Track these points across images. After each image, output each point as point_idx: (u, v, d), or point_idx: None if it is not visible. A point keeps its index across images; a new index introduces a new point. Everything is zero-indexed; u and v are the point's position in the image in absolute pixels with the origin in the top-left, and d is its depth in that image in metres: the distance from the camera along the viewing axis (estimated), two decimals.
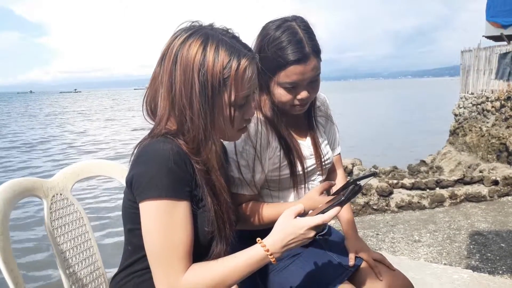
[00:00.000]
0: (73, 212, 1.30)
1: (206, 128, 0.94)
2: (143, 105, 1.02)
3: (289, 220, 0.92)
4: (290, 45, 1.16)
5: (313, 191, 1.20)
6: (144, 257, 0.94)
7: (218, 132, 0.98)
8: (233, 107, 0.95)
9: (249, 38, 1.12)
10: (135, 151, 0.97)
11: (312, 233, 0.91)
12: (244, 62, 0.92)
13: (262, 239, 0.93)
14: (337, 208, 0.92)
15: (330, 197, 1.08)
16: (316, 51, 1.19)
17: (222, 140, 1.11)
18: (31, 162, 12.92)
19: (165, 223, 0.89)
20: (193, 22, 0.98)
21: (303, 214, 0.95)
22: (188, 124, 0.94)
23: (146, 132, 1.01)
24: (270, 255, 0.90)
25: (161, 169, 0.88)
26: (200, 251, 0.96)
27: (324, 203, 1.01)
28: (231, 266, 0.90)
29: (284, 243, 0.91)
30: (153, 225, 0.89)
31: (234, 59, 0.91)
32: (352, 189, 0.95)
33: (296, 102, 1.23)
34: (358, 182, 0.97)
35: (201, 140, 0.94)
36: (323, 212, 0.92)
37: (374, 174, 1.06)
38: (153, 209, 0.89)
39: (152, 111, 1.02)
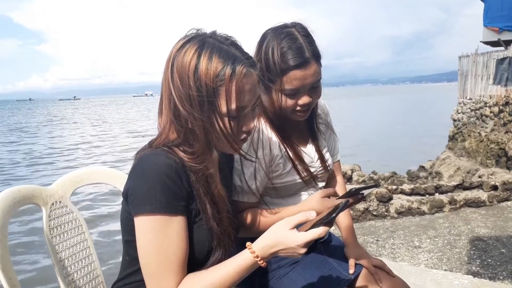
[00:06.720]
0: (72, 220, 1.30)
1: (207, 136, 0.92)
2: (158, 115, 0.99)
3: (284, 231, 0.89)
4: (290, 50, 1.15)
5: (314, 196, 1.19)
6: (140, 269, 0.93)
7: (217, 142, 0.95)
8: (229, 117, 0.91)
9: (249, 46, 1.12)
10: (133, 161, 0.95)
11: (302, 250, 0.88)
12: (239, 70, 0.88)
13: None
14: (325, 228, 0.88)
15: (328, 208, 1.05)
16: (316, 56, 1.19)
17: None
18: None
19: (159, 239, 0.88)
20: (197, 30, 0.95)
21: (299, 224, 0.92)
22: (189, 131, 0.93)
23: None
24: (260, 260, 0.89)
25: (155, 184, 0.87)
26: (196, 263, 0.95)
27: (317, 216, 0.97)
28: (222, 275, 0.89)
29: (274, 251, 0.89)
30: (147, 241, 0.89)
31: (228, 66, 0.87)
32: (343, 205, 0.94)
33: (298, 108, 1.22)
34: (361, 192, 0.96)
35: (203, 149, 0.93)
36: (314, 225, 0.89)
37: (376, 186, 1.04)
38: (147, 224, 0.88)
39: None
